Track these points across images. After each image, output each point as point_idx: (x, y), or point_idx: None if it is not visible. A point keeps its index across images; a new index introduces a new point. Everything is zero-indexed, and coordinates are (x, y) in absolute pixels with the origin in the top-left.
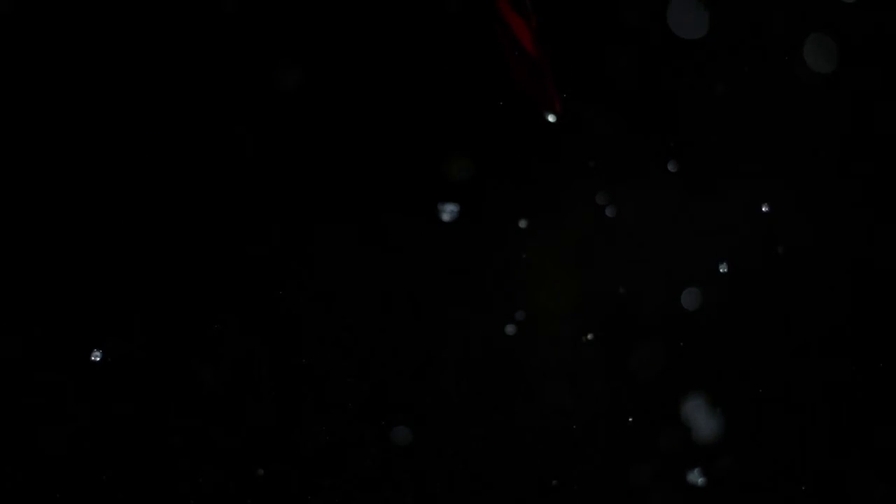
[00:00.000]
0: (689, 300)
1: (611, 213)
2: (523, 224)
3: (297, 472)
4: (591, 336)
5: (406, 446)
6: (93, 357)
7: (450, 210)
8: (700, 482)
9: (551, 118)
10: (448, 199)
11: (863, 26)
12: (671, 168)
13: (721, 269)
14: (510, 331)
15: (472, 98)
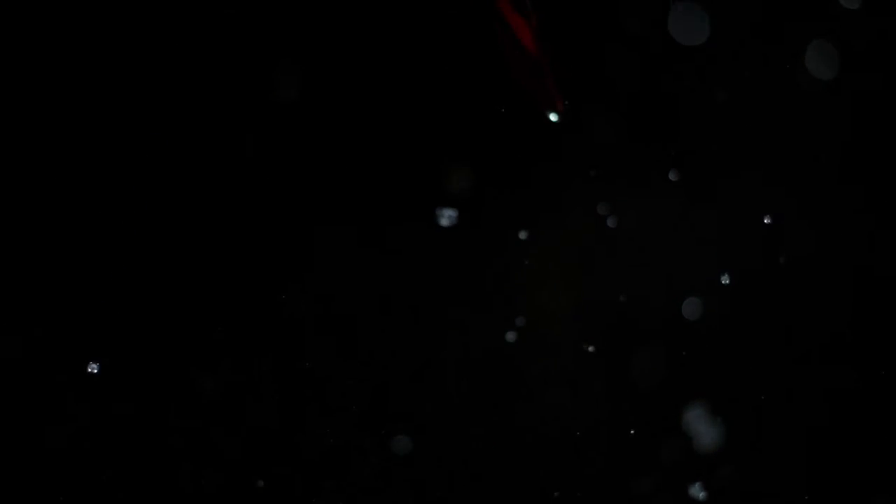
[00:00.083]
0: (691, 308)
1: (612, 222)
2: (523, 235)
3: (300, 475)
4: (591, 348)
5: (407, 453)
6: (89, 369)
7: (450, 215)
8: (702, 496)
9: (553, 118)
10: (449, 205)
11: (865, 32)
12: (672, 177)
13: (723, 281)
14: (511, 337)
15: (473, 102)
